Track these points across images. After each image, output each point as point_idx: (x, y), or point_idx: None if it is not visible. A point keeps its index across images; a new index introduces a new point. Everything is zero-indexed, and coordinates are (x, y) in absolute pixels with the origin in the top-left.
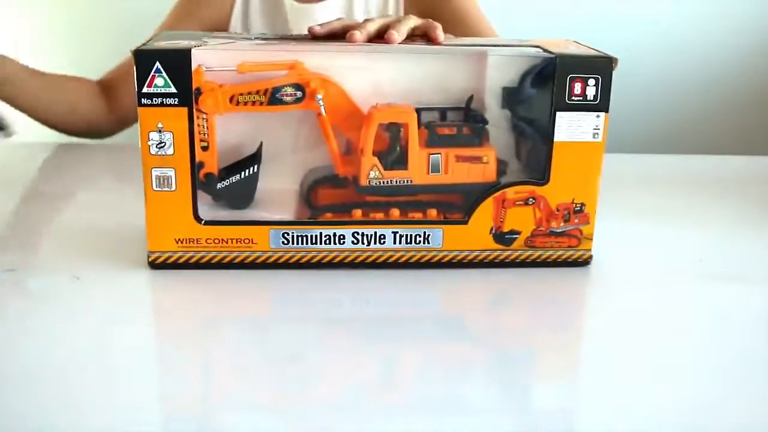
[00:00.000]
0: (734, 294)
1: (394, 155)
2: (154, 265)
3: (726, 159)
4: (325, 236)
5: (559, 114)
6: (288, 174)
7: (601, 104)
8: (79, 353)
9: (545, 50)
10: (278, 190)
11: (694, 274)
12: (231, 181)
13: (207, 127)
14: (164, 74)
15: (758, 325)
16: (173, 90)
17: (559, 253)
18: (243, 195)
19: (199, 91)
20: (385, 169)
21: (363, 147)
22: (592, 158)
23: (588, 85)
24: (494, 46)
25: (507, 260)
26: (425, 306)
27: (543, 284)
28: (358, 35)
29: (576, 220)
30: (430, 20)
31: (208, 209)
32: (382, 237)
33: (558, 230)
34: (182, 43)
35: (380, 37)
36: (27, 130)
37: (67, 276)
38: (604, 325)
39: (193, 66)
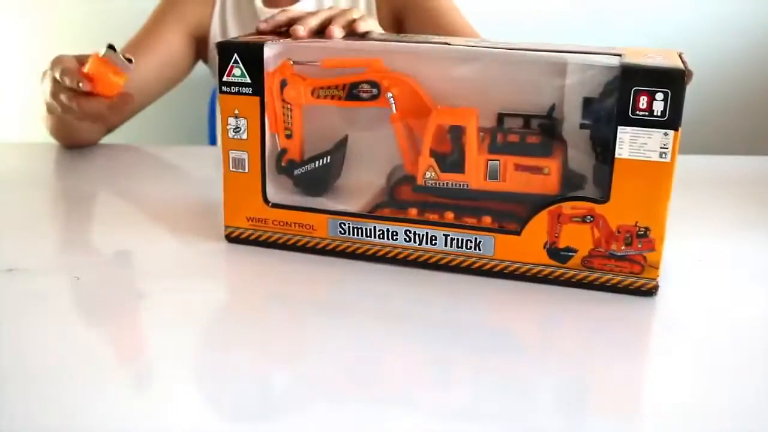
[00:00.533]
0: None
1: (452, 158)
2: (230, 239)
3: (726, 159)
4: (379, 231)
5: (621, 129)
6: (377, 168)
7: (670, 121)
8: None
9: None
10: (365, 182)
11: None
12: (306, 169)
13: (291, 117)
14: (241, 65)
15: None
16: (248, 80)
17: (619, 278)
18: (316, 183)
19: (284, 83)
20: (441, 171)
21: (422, 146)
22: (658, 180)
23: (655, 100)
24: (575, 52)
25: (562, 278)
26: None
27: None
28: (301, 31)
29: (639, 245)
30: (363, 14)
31: (288, 194)
32: (433, 238)
33: (618, 253)
34: (261, 38)
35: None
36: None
37: (70, 275)
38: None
39: (265, 60)
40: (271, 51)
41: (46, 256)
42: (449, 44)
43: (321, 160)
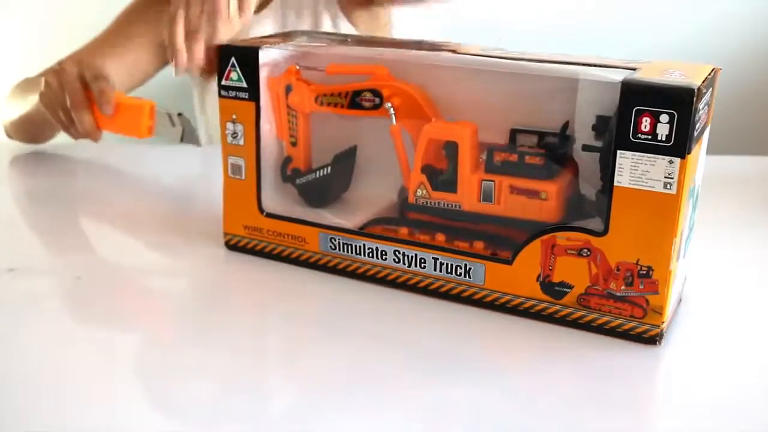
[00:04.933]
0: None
1: (446, 175)
2: (229, 246)
3: (726, 159)
4: (369, 249)
5: (620, 153)
6: (390, 182)
7: (676, 147)
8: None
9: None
10: (375, 196)
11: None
12: (308, 179)
13: (296, 124)
14: (238, 69)
15: None
16: (244, 84)
17: (619, 321)
18: (317, 194)
19: (289, 88)
20: (433, 189)
21: (414, 161)
22: (662, 213)
23: (659, 122)
24: (587, 65)
25: (556, 315)
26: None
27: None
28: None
29: (641, 286)
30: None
31: (291, 203)
32: (422, 261)
33: (618, 294)
34: (257, 41)
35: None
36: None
37: (71, 276)
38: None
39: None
40: (274, 55)
41: (47, 257)
42: (456, 52)
43: (321, 171)
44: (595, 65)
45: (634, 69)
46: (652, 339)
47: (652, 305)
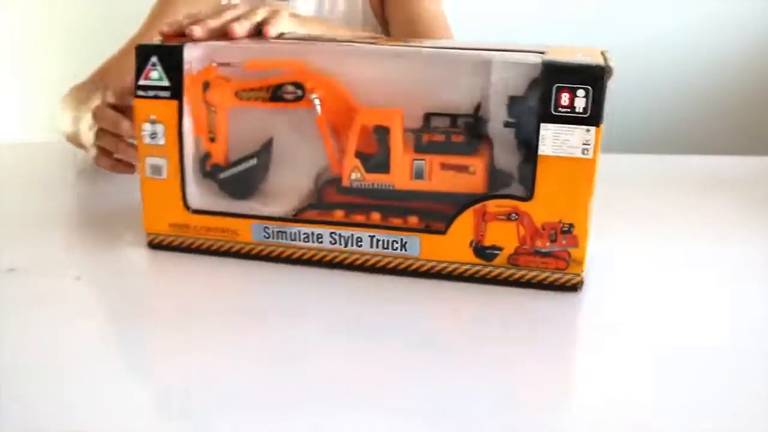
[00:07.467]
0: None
1: (377, 158)
2: (152, 245)
3: (725, 159)
4: (304, 234)
5: (543, 125)
6: (304, 170)
7: (592, 117)
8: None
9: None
10: (292, 184)
11: (691, 279)
12: (232, 173)
13: (215, 120)
14: (159, 68)
15: None
16: (166, 83)
17: (545, 274)
18: (243, 186)
19: (207, 85)
20: (367, 172)
21: (347, 148)
22: (581, 176)
23: (577, 96)
24: (500, 51)
25: (488, 276)
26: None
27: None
28: (197, 32)
29: (564, 242)
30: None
31: (214, 197)
32: (359, 240)
33: (543, 250)
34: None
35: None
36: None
37: (72, 276)
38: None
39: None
40: (192, 53)
41: (47, 256)
42: (375, 44)
43: (247, 163)
44: (504, 50)
45: (542, 52)
46: (573, 287)
47: (573, 257)
